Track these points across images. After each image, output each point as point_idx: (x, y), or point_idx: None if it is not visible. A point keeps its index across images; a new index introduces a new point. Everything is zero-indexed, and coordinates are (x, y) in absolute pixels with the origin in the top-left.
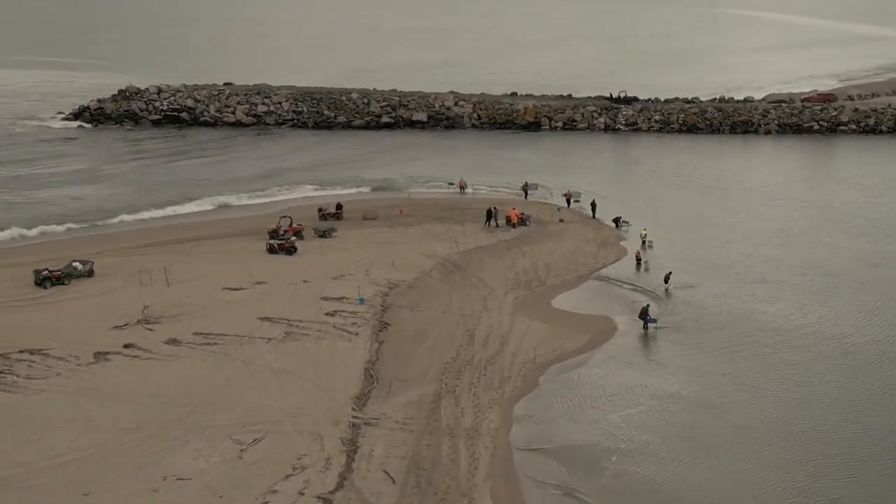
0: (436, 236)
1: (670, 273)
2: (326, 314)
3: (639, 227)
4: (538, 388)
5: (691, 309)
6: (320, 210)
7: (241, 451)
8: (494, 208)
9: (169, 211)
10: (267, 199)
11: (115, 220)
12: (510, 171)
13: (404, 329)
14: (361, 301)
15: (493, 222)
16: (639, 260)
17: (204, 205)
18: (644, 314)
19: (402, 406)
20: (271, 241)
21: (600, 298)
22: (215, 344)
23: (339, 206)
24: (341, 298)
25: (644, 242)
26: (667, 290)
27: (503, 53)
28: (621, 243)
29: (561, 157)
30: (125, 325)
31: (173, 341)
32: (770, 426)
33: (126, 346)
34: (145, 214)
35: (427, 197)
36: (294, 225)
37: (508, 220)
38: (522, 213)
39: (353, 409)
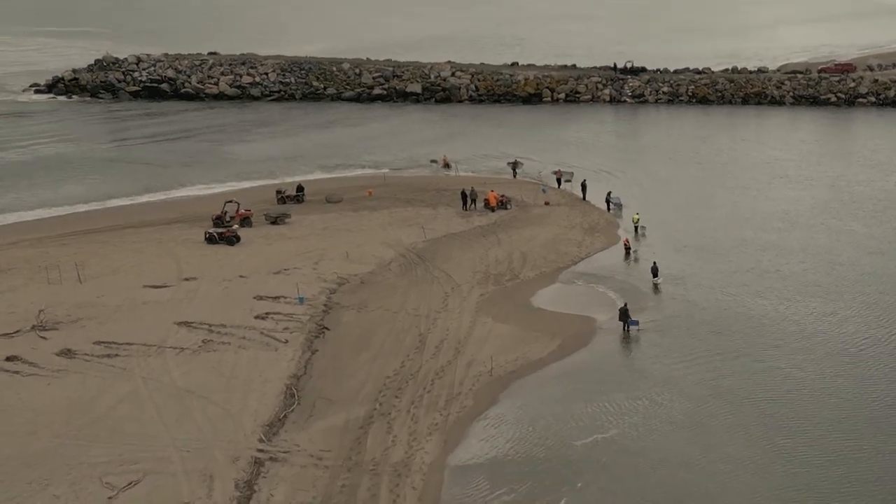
0: (403, 222)
1: (658, 266)
2: (256, 317)
3: (634, 207)
4: (491, 407)
5: (679, 306)
6: (279, 192)
7: (110, 498)
8: (471, 189)
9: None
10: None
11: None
12: (503, 147)
13: (345, 334)
14: (301, 301)
15: (469, 205)
16: (627, 249)
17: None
18: (624, 315)
19: (321, 434)
20: (210, 231)
21: (579, 294)
22: (116, 356)
23: (300, 188)
24: (278, 298)
25: (636, 228)
26: (655, 284)
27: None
28: (611, 229)
29: (561, 132)
30: (15, 332)
31: (67, 353)
32: (757, 451)
33: (9, 358)
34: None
35: (404, 176)
36: (241, 210)
37: (486, 203)
38: (503, 196)
39: (261, 440)
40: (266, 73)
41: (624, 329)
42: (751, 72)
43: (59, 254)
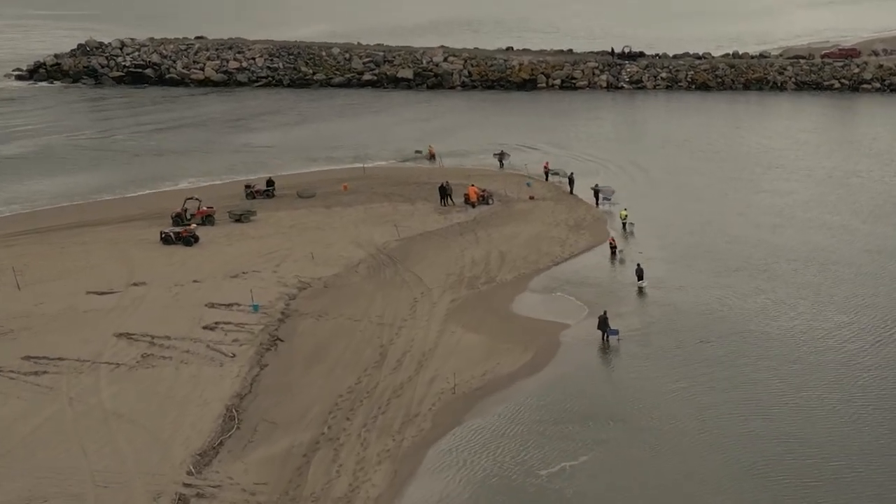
0: (378, 219)
1: (643, 269)
2: (205, 328)
3: (623, 200)
4: (450, 431)
5: (663, 311)
6: (247, 187)
7: None
8: (447, 184)
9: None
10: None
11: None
12: (493, 136)
13: (300, 347)
14: (255, 309)
15: (448, 201)
16: (613, 248)
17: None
18: (603, 324)
19: (259, 464)
20: (166, 230)
21: (558, 299)
22: (45, 373)
23: (270, 183)
24: (231, 305)
25: (624, 225)
26: (640, 288)
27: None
28: (599, 225)
29: (554, 120)
30: None
31: None
32: (745, 483)
33: None
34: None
35: (385, 168)
36: (203, 208)
37: (466, 198)
38: (484, 190)
39: (189, 473)
40: (253, 59)
41: (603, 338)
42: (752, 57)
43: (2, 256)
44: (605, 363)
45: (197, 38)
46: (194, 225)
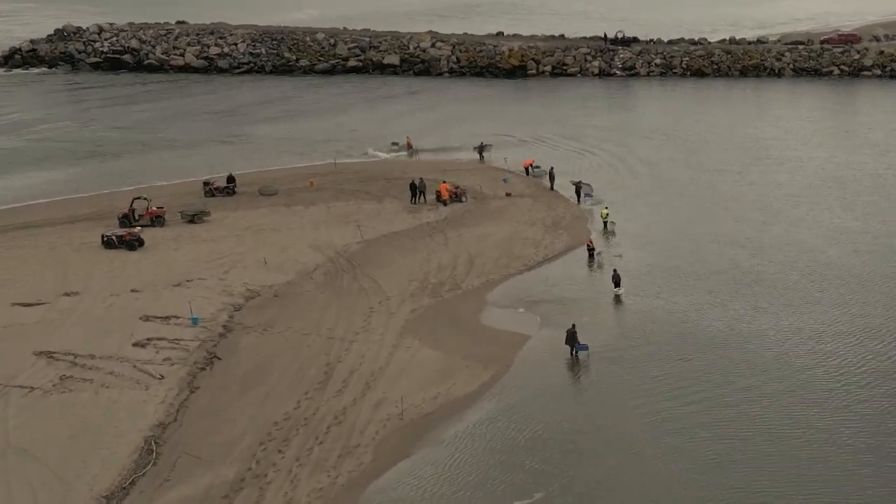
0: (341, 218)
1: (619, 275)
2: (135, 345)
3: (607, 196)
4: (393, 466)
5: (639, 323)
6: (206, 184)
7: None
8: (420, 181)
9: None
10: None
11: None
12: (478, 127)
13: (238, 366)
14: (194, 322)
15: (419, 199)
16: (591, 251)
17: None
18: (571, 338)
19: None
20: (108, 233)
21: (527, 310)
22: None
23: (230, 179)
24: (168, 318)
25: (605, 224)
26: (616, 296)
27: None
28: (578, 225)
29: (542, 109)
30: None
31: None
32: None
33: None
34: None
35: (357, 162)
36: (152, 208)
37: (438, 195)
38: (457, 187)
39: None
40: (235, 44)
41: (571, 354)
42: (749, 42)
43: None
44: (571, 383)
45: (178, 22)
46: (138, 228)
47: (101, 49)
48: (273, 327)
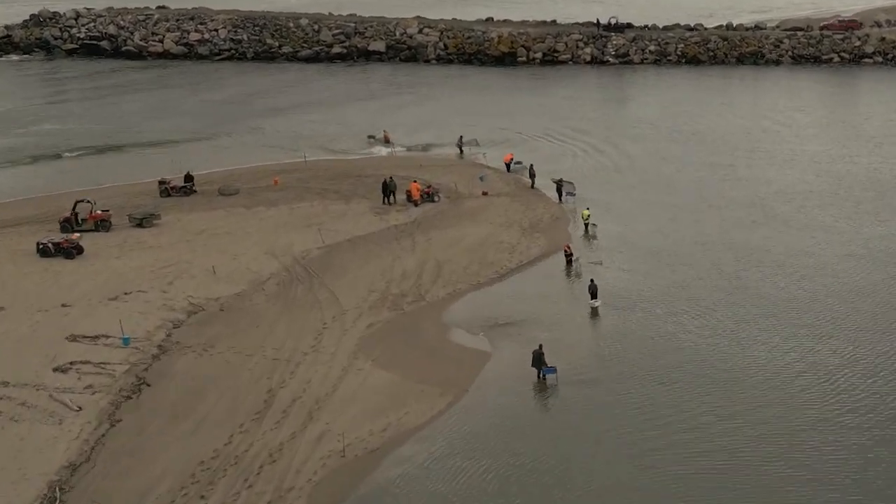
0: (302, 221)
1: (596, 285)
2: (56, 369)
3: (590, 193)
4: None
5: (614, 340)
6: (162, 183)
7: None
8: (391, 180)
9: None
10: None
11: None
12: (462, 117)
13: (168, 393)
14: (126, 342)
15: (390, 198)
16: (569, 257)
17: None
18: (538, 361)
19: None
20: (43, 241)
21: (492, 326)
22: None
23: (188, 178)
24: (97, 338)
25: (587, 227)
26: (593, 308)
27: None
28: (558, 227)
29: (530, 98)
30: None
31: None
32: None
33: None
34: None
35: (328, 159)
36: (97, 211)
37: (409, 195)
38: (429, 186)
39: None
40: (216, 30)
41: (538, 377)
42: (747, 28)
43: None
44: (536, 412)
45: (158, 7)
46: (77, 234)
47: (77, 35)
48: (214, 347)
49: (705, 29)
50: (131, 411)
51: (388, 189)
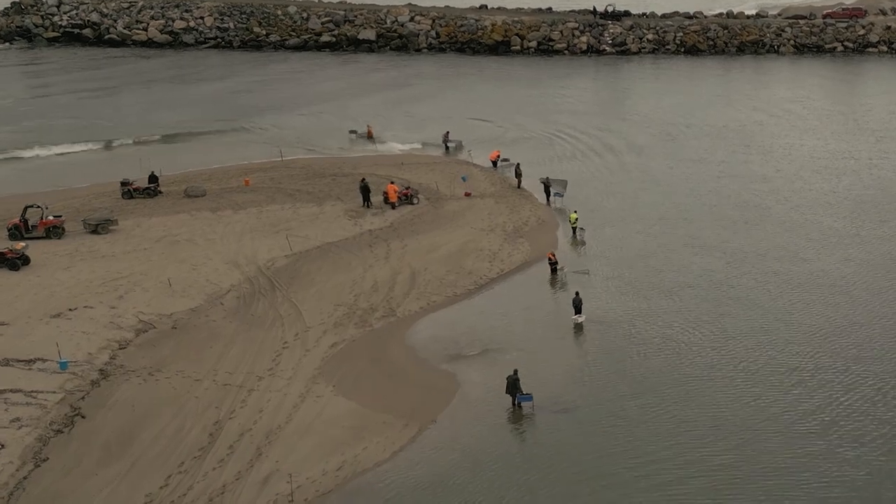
0: (271, 226)
1: (581, 299)
2: None
3: (578, 194)
4: None
5: (597, 360)
6: (124, 184)
7: None
8: (364, 181)
9: None
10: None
11: None
12: (451, 110)
13: (105, 426)
14: (63, 367)
15: (368, 201)
16: (553, 266)
17: None
18: (513, 387)
19: None
20: None
21: (465, 346)
22: None
23: (153, 178)
24: (32, 362)
25: (574, 231)
26: (578, 323)
27: None
28: (543, 231)
29: (522, 91)
30: None
31: None
32: None
33: None
34: None
35: (305, 158)
36: (48, 217)
37: (386, 197)
38: (408, 188)
39: None
40: (202, 18)
41: (513, 404)
42: (748, 16)
43: None
44: (509, 444)
45: None
46: (22, 244)
47: (59, 23)
48: (161, 371)
49: (705, 17)
50: (61, 448)
51: (367, 192)
